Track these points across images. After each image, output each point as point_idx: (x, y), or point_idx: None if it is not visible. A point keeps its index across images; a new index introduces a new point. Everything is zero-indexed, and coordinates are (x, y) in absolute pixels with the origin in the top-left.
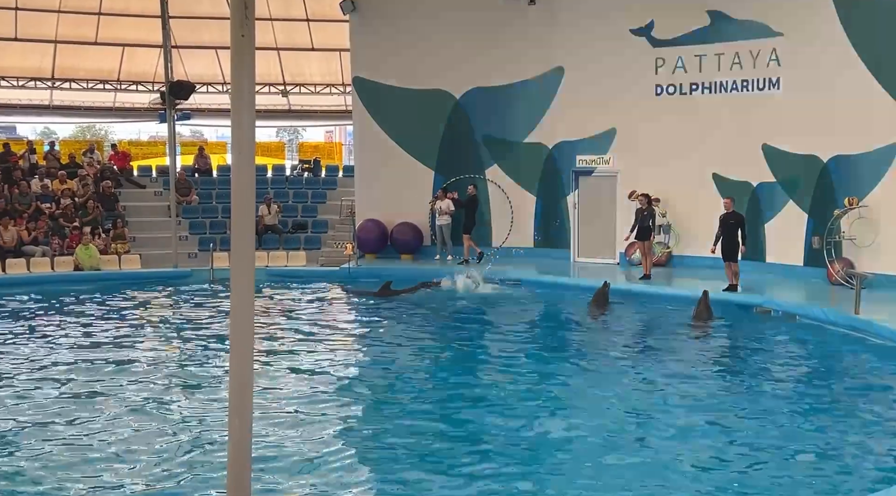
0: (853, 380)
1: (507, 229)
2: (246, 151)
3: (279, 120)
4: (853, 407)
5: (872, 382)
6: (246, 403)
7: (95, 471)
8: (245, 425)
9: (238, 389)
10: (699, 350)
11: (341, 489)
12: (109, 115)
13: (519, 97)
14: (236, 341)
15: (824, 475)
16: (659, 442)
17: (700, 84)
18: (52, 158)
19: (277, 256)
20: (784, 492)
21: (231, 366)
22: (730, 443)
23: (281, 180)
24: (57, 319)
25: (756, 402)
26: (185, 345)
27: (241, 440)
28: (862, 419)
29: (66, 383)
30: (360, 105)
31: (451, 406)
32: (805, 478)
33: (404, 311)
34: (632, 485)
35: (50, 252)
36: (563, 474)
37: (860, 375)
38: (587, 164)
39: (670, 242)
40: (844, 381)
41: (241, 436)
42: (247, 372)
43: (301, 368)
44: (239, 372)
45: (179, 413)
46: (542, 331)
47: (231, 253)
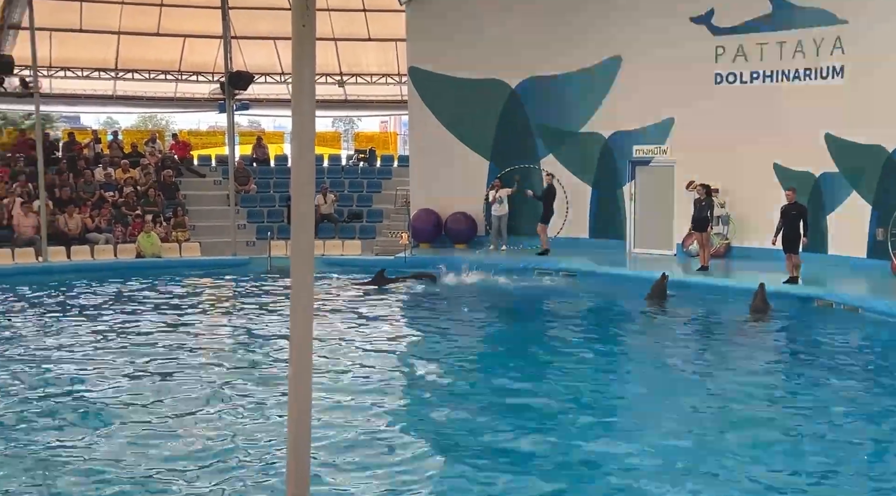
0: None
1: (562, 220)
2: (306, 141)
3: (335, 110)
4: None
5: None
6: (305, 390)
7: (161, 452)
8: (305, 411)
9: (297, 375)
10: (760, 345)
11: (398, 477)
12: (170, 105)
13: (576, 86)
14: (296, 329)
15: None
16: (719, 438)
17: (761, 73)
18: (115, 148)
19: (333, 245)
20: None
21: (291, 353)
22: (796, 443)
23: (337, 170)
24: (121, 306)
25: (819, 397)
26: (243, 331)
27: (300, 424)
28: None
29: (130, 367)
30: (415, 95)
31: (504, 398)
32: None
33: (455, 302)
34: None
35: (113, 239)
36: (632, 474)
37: None
38: (644, 154)
39: (729, 233)
40: None
41: (300, 420)
42: (306, 357)
43: (347, 360)
44: (299, 357)
45: (237, 398)
46: (599, 323)
47: (291, 242)
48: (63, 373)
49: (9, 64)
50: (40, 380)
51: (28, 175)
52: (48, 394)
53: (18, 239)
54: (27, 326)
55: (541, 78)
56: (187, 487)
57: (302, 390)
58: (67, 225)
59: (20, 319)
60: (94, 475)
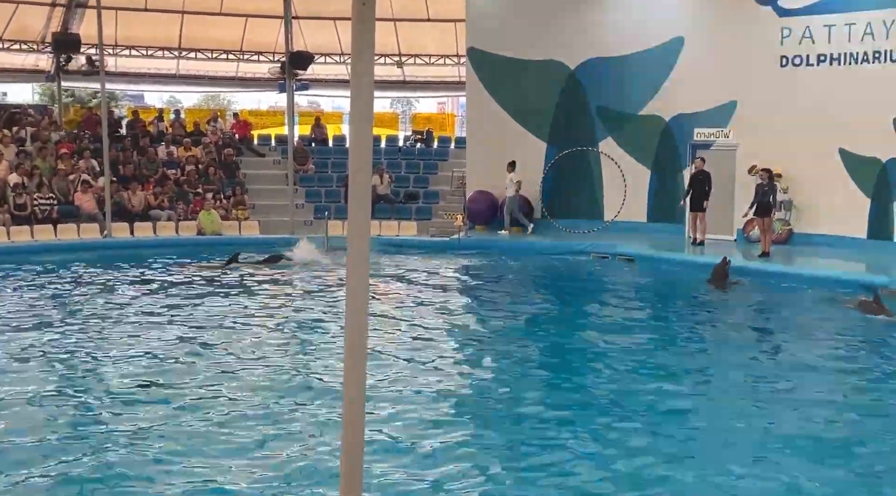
0: None
1: (619, 203)
2: (364, 121)
3: (393, 91)
4: None
5: None
6: (359, 370)
7: (221, 432)
8: (359, 391)
9: (352, 355)
10: (827, 336)
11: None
12: (232, 85)
13: (636, 68)
14: (352, 308)
15: None
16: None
17: (829, 55)
18: (177, 126)
19: (389, 226)
20: None
21: (346, 331)
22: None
23: (394, 151)
24: (183, 280)
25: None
26: (299, 309)
27: (354, 403)
28: None
29: (186, 342)
30: (473, 76)
31: (565, 382)
32: None
33: (509, 283)
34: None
35: (175, 216)
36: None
37: None
38: (705, 138)
39: (791, 219)
40: None
41: (354, 400)
42: (361, 338)
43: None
44: (353, 337)
45: (292, 375)
46: (658, 308)
47: (349, 221)
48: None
49: (76, 42)
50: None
51: (93, 152)
52: (126, 373)
53: (83, 215)
54: (89, 303)
55: (601, 59)
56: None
57: (357, 373)
58: (131, 201)
59: (80, 295)
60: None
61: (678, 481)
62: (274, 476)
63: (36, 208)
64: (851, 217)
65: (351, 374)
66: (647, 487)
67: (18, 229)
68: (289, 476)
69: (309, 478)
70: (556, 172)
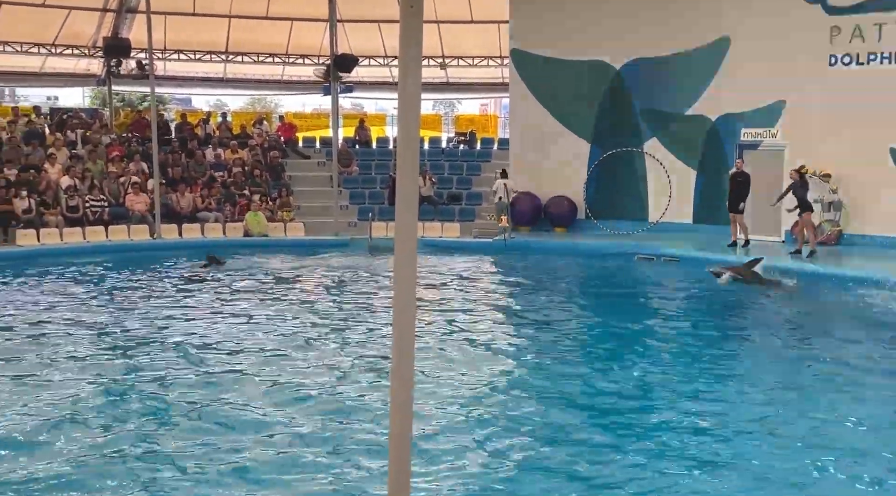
0: None
1: (664, 204)
2: (411, 122)
3: (437, 92)
4: None
5: None
6: (407, 371)
7: (260, 424)
8: (407, 392)
9: (400, 355)
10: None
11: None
12: (277, 88)
13: (682, 68)
14: (399, 309)
15: None
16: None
17: (879, 54)
18: (224, 129)
19: (432, 227)
20: None
21: (395, 331)
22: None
23: (437, 152)
24: (231, 282)
25: None
26: (344, 309)
27: (402, 405)
28: None
29: (236, 340)
30: (516, 77)
31: (602, 382)
32: None
33: (557, 282)
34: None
35: (222, 218)
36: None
37: None
38: (753, 138)
39: (841, 220)
40: None
41: (402, 401)
42: (409, 337)
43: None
44: (401, 338)
45: (338, 377)
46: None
47: (396, 222)
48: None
49: (126, 47)
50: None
51: (143, 154)
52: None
53: (133, 216)
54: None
55: (647, 59)
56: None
57: (404, 374)
58: (179, 203)
59: (132, 292)
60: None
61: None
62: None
63: (88, 210)
64: None
65: (398, 374)
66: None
67: (71, 230)
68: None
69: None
70: (600, 173)
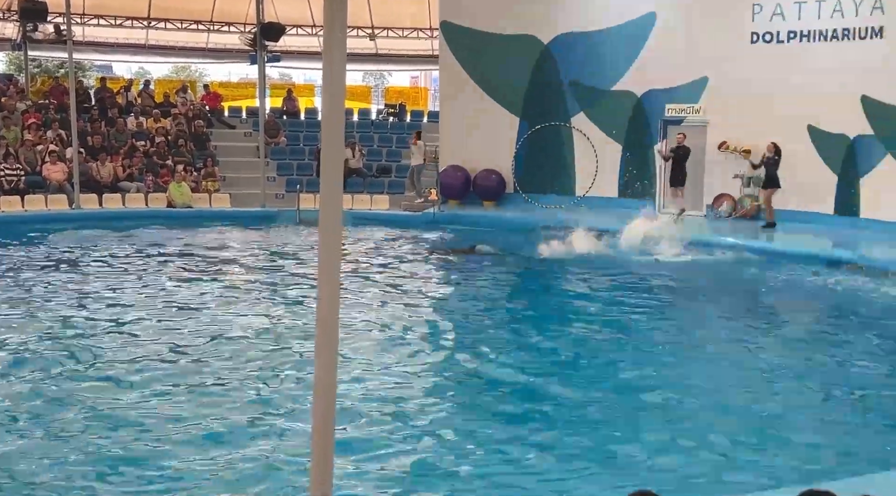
0: None
1: (590, 178)
2: (336, 94)
3: (366, 64)
4: None
5: None
6: (331, 343)
7: (182, 413)
8: (330, 366)
9: (323, 330)
10: (768, 312)
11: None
12: (202, 56)
13: (609, 43)
14: (323, 281)
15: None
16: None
17: (798, 32)
18: (146, 97)
19: (361, 200)
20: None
21: (318, 306)
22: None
23: (366, 124)
24: (151, 251)
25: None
26: (269, 283)
27: (325, 380)
28: None
29: (149, 319)
30: (447, 50)
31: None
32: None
33: (484, 257)
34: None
35: (144, 188)
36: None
37: None
38: (677, 114)
39: (759, 195)
40: None
41: (326, 376)
42: (333, 312)
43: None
44: (325, 311)
45: (263, 350)
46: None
47: (320, 195)
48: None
49: (42, 11)
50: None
51: (61, 122)
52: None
53: (50, 185)
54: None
55: (574, 34)
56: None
57: (328, 351)
58: (99, 173)
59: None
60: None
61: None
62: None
63: (3, 179)
64: (819, 193)
65: (322, 352)
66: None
67: None
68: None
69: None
70: (528, 147)
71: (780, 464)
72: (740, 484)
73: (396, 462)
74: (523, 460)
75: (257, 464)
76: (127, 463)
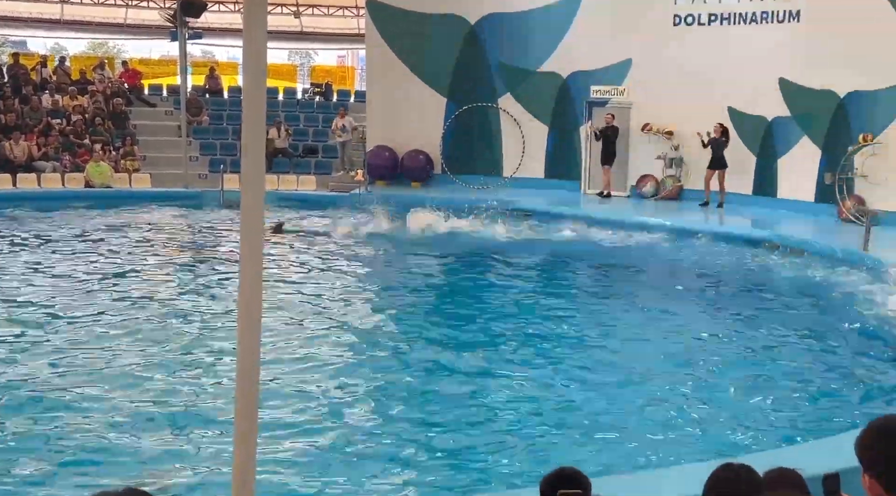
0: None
1: (518, 159)
2: (257, 72)
3: (290, 42)
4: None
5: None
6: (254, 324)
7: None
8: (254, 346)
9: (246, 311)
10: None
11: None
12: (120, 32)
13: (535, 24)
14: (245, 264)
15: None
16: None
17: (719, 15)
18: (62, 74)
19: (287, 180)
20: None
21: (241, 288)
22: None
23: (292, 103)
24: (63, 234)
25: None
26: (192, 264)
27: (249, 360)
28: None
29: (72, 301)
30: (373, 29)
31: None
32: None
33: (410, 237)
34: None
35: (61, 168)
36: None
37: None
38: (601, 95)
39: (682, 176)
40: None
41: (249, 357)
42: (256, 293)
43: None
44: (247, 293)
45: (184, 330)
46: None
47: (241, 175)
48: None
49: None
50: None
51: None
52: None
53: None
54: None
55: (500, 14)
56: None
57: (251, 339)
58: (13, 151)
59: None
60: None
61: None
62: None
63: None
64: (738, 174)
65: (245, 341)
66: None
67: None
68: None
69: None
70: (455, 128)
71: (694, 442)
72: (654, 460)
73: None
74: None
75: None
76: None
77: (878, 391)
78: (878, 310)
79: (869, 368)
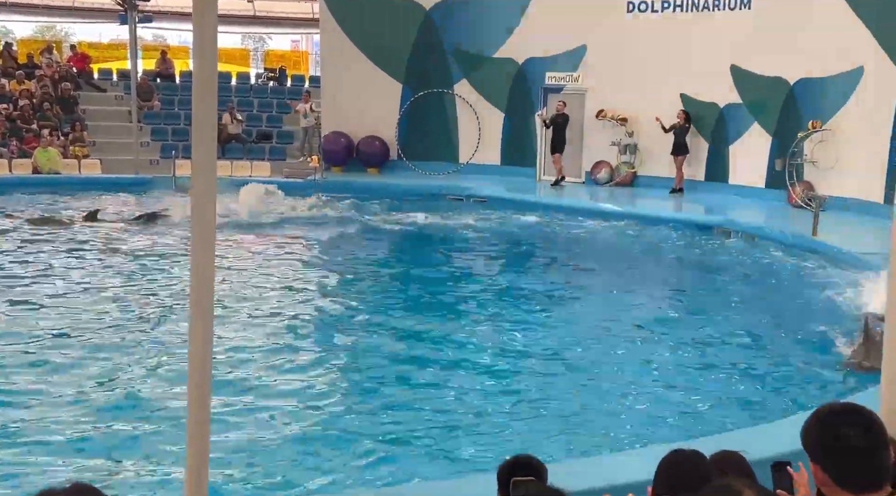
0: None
1: (473, 146)
2: (208, 56)
3: (243, 26)
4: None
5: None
6: (207, 310)
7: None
8: (207, 329)
9: (198, 296)
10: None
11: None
12: (69, 15)
13: (491, 10)
14: (197, 252)
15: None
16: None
17: (672, 2)
18: (8, 58)
19: (241, 166)
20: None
21: (192, 275)
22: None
23: (245, 89)
24: (13, 221)
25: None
26: (144, 251)
27: (202, 344)
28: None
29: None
30: (327, 13)
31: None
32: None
33: (368, 224)
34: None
35: (7, 154)
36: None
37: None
38: (556, 82)
39: (635, 162)
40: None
41: (202, 341)
42: (208, 278)
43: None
44: (200, 279)
45: (139, 317)
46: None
47: (192, 161)
48: None
49: None
50: None
51: None
52: None
53: None
54: None
55: (456, 0)
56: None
57: (203, 330)
58: None
59: None
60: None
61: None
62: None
63: None
64: (691, 160)
65: (196, 332)
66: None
67: None
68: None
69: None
70: (411, 114)
71: (645, 427)
72: (605, 446)
73: None
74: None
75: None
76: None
77: (825, 376)
78: (827, 293)
79: (818, 352)
